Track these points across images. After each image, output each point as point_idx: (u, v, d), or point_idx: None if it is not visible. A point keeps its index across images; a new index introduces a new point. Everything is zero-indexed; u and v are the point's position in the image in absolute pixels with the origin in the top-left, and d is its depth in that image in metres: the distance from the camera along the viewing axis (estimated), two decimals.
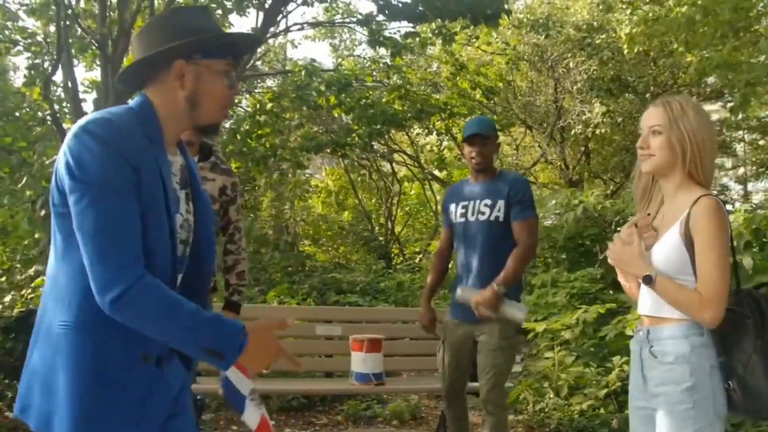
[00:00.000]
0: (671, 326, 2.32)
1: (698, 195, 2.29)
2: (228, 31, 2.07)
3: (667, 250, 2.31)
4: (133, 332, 1.67)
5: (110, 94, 8.06)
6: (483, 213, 3.95)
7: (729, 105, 14.70)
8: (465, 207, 4.04)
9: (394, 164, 15.29)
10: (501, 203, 3.91)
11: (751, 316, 2.26)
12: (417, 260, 13.75)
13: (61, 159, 1.69)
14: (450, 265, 4.71)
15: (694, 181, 2.35)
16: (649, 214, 2.41)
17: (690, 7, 7.75)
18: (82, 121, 1.72)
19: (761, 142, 16.18)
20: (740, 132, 16.33)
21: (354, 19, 10.17)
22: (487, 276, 3.84)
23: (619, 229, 9.47)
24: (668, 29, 9.00)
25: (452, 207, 4.13)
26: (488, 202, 3.94)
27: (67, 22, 8.16)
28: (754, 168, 16.57)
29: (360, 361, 4.91)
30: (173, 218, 1.80)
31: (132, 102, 1.82)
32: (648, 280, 2.27)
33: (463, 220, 4.05)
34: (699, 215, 2.25)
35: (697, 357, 2.26)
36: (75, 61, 9.35)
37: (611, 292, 8.25)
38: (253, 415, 2.31)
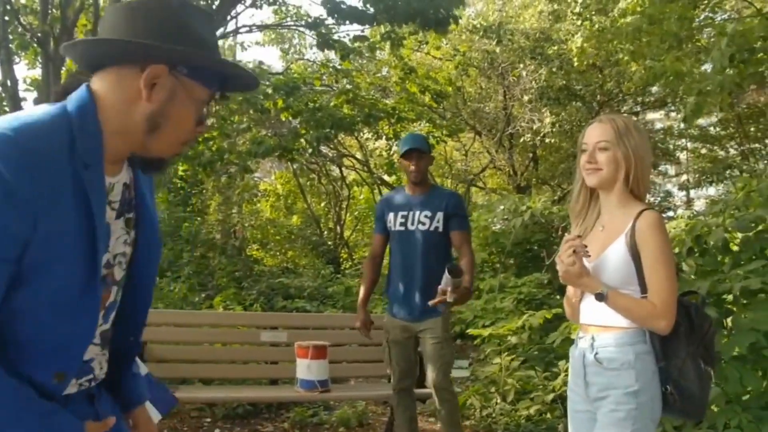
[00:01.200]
0: (617, 334, 2.39)
1: (640, 209, 2.41)
2: (212, 48, 1.47)
3: (614, 262, 2.40)
4: None
5: (51, 93, 7.83)
6: (423, 223, 4.21)
7: (672, 113, 15.06)
8: (404, 216, 4.27)
9: (343, 168, 15.22)
10: (440, 215, 4.19)
11: (682, 323, 2.38)
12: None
13: None
14: None
15: (633, 195, 2.46)
16: (579, 236, 2.47)
17: (636, 17, 7.88)
18: None
19: (703, 151, 16.59)
20: (683, 140, 16.72)
21: (303, 23, 10.08)
22: (425, 278, 4.11)
23: (565, 233, 9.56)
24: (615, 38, 9.15)
25: (390, 216, 4.34)
26: (428, 213, 4.21)
27: (6, 18, 7.91)
28: (696, 175, 16.98)
29: (305, 368, 4.84)
30: (97, 263, 1.36)
31: (70, 102, 1.35)
32: (600, 298, 2.35)
33: (402, 228, 4.28)
34: (645, 229, 2.36)
35: (642, 363, 2.35)
36: (15, 59, 9.07)
37: (558, 297, 8.31)
38: None
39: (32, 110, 1.34)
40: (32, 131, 1.27)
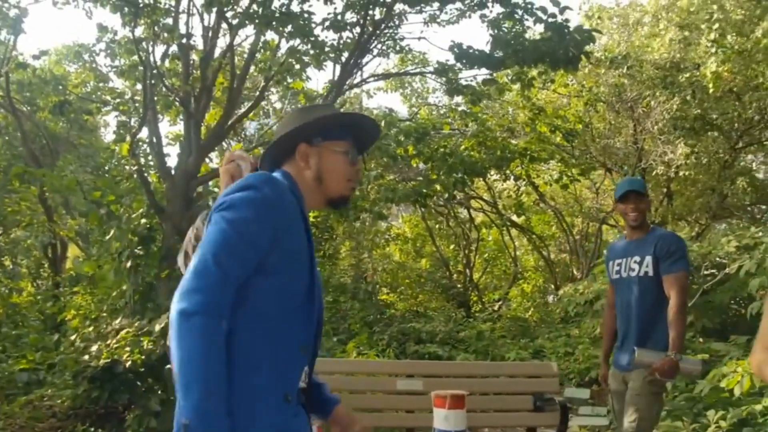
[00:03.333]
0: None
1: None
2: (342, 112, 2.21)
3: None
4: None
5: (193, 148, 8.29)
6: (633, 269, 4.10)
7: None
8: (620, 264, 4.20)
9: (471, 210, 15.17)
10: (648, 259, 4.03)
11: None
12: (496, 308, 13.52)
13: None
14: None
15: None
16: None
17: None
18: (253, 177, 1.95)
19: None
20: None
21: (430, 69, 10.22)
22: (638, 327, 4.02)
23: (706, 273, 9.08)
24: (755, 61, 8.70)
25: (610, 264, 4.29)
26: (637, 258, 4.09)
27: (153, 81, 8.48)
28: None
29: (443, 418, 4.77)
30: (314, 272, 1.99)
31: (279, 174, 2.04)
32: None
33: (618, 276, 4.22)
34: None
35: None
36: (159, 117, 9.69)
37: (701, 340, 7.91)
38: None
39: (269, 174, 1.99)
40: (277, 180, 1.96)
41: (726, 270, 8.11)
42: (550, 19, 7.95)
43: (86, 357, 6.22)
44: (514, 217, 13.64)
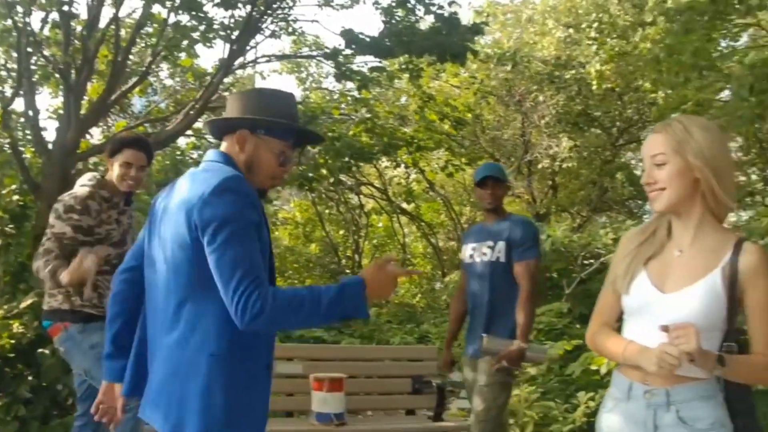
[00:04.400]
0: (698, 386, 2.01)
1: (734, 237, 2.03)
2: (293, 122, 2.29)
3: (704, 300, 1.98)
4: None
5: (72, 122, 7.91)
6: (485, 254, 4.04)
7: None
8: (473, 249, 4.14)
9: (361, 197, 15.23)
10: (501, 244, 3.99)
11: None
12: None
13: None
14: None
15: (713, 215, 2.05)
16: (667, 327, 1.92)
17: (654, 44, 7.86)
18: (223, 178, 2.09)
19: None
20: None
21: (321, 53, 10.16)
22: (490, 316, 3.97)
23: (585, 263, 9.44)
24: (635, 65, 9.13)
25: (464, 248, 4.24)
26: (490, 243, 4.04)
27: (29, 50, 8.02)
28: None
29: (321, 401, 4.78)
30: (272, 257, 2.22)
31: (217, 156, 2.22)
32: (722, 363, 1.92)
33: (470, 261, 4.15)
34: (755, 268, 1.96)
35: (726, 421, 2.00)
36: (38, 89, 9.19)
37: (578, 326, 8.22)
38: None
39: (226, 175, 2.09)
40: (241, 183, 2.09)
41: (602, 260, 8.47)
42: (439, 11, 8.04)
43: None
44: (404, 205, 13.78)
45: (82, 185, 3.68)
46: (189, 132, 10.38)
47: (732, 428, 1.99)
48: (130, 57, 9.50)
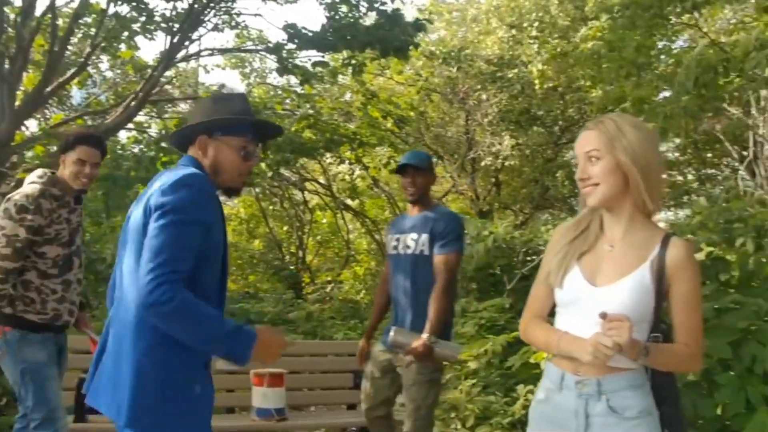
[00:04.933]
0: (628, 376, 2.07)
1: (662, 232, 2.11)
2: (244, 115, 2.36)
3: (634, 292, 2.04)
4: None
5: (6, 113, 7.69)
6: (409, 246, 3.96)
7: None
8: (397, 240, 4.05)
9: (305, 193, 15.17)
10: (425, 237, 3.90)
11: None
12: (328, 290, 13.61)
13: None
14: None
15: (642, 211, 2.11)
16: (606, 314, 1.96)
17: (596, 42, 8.01)
18: (181, 175, 2.18)
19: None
20: None
21: (264, 47, 10.06)
22: (413, 310, 3.89)
23: (528, 259, 9.58)
24: (576, 63, 9.28)
25: (389, 239, 4.16)
26: (414, 236, 3.95)
27: None
28: None
29: (261, 396, 4.75)
30: (226, 258, 2.31)
31: (186, 161, 2.29)
32: (646, 353, 1.99)
33: (394, 252, 4.07)
34: (681, 262, 2.04)
35: (653, 408, 2.08)
36: None
37: (519, 321, 8.33)
38: None
39: (189, 171, 2.20)
40: (202, 181, 2.18)
41: (542, 256, 8.60)
42: (382, 7, 8.05)
43: None
44: (349, 201, 13.77)
45: (32, 183, 3.54)
46: (130, 125, 10.18)
47: (658, 416, 2.07)
48: (68, 47, 9.28)
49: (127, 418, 2.05)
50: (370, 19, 8.90)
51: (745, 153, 9.90)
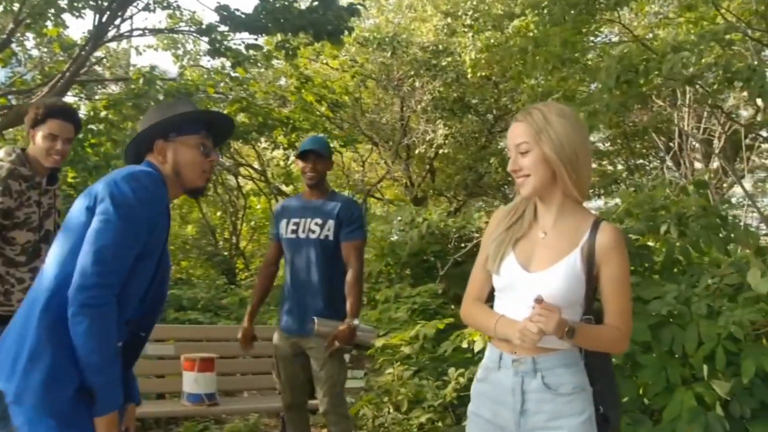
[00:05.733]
0: (561, 354, 2.16)
1: (592, 218, 2.19)
2: (194, 108, 2.42)
3: (566, 277, 2.13)
4: None
5: None
6: (313, 231, 4.01)
7: None
8: (296, 224, 4.08)
9: (239, 178, 15.00)
10: (331, 222, 3.99)
11: None
12: None
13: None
14: None
15: (571, 198, 2.18)
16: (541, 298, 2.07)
17: (524, 38, 8.12)
18: (128, 171, 2.16)
19: (593, 166, 17.24)
20: None
21: (196, 28, 9.88)
22: (316, 293, 3.96)
23: (462, 245, 9.69)
24: (504, 57, 9.39)
25: (283, 222, 4.15)
26: (318, 221, 4.01)
27: None
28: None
29: (192, 381, 4.71)
30: (163, 257, 2.27)
31: (145, 166, 2.25)
32: (571, 334, 2.05)
33: (293, 236, 4.08)
34: (609, 246, 2.12)
35: (587, 385, 2.18)
36: None
37: (452, 307, 8.45)
38: None
39: (141, 168, 2.21)
40: (152, 178, 2.17)
41: (476, 242, 8.73)
42: None
43: None
44: (283, 187, 13.67)
45: (0, 161, 3.29)
46: None
47: (591, 392, 2.18)
48: None
49: (15, 395, 2.01)
50: (305, 2, 8.84)
51: (671, 144, 10.20)
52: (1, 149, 3.40)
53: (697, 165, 11.03)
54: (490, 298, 2.35)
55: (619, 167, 16.52)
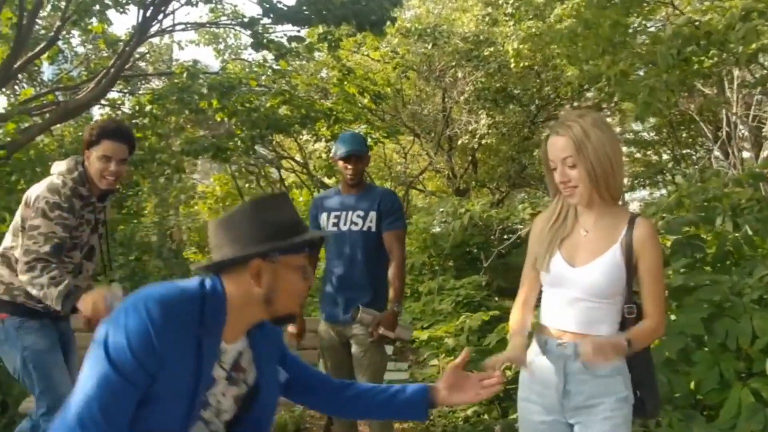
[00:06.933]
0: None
1: (628, 214, 2.41)
2: (294, 219, 1.93)
3: (608, 269, 2.34)
4: None
5: None
6: (356, 223, 4.06)
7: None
8: (337, 217, 4.13)
9: (282, 171, 15.07)
10: (373, 214, 4.05)
11: None
12: None
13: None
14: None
15: (608, 199, 2.39)
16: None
17: (572, 20, 7.98)
18: (148, 293, 1.76)
19: (637, 155, 16.95)
20: None
21: (238, 22, 9.93)
22: (362, 283, 4.02)
23: (506, 237, 9.59)
24: (551, 42, 9.24)
25: (323, 216, 4.19)
26: (360, 213, 4.07)
27: None
28: (630, 179, 17.32)
29: None
30: (196, 400, 1.82)
31: (207, 285, 1.83)
32: (629, 346, 2.27)
33: (335, 229, 4.12)
34: (645, 238, 2.33)
35: (625, 368, 2.39)
36: None
37: (496, 299, 8.38)
38: None
39: (178, 283, 1.82)
40: (175, 300, 1.76)
41: (520, 233, 8.64)
42: None
43: None
44: (325, 179, 13.69)
45: (61, 176, 3.28)
46: (103, 102, 10.03)
47: (629, 377, 2.40)
48: (38, 21, 9.09)
49: None
50: None
51: (719, 133, 9.96)
52: (64, 162, 3.39)
53: (746, 154, 10.75)
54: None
55: (665, 157, 16.19)
